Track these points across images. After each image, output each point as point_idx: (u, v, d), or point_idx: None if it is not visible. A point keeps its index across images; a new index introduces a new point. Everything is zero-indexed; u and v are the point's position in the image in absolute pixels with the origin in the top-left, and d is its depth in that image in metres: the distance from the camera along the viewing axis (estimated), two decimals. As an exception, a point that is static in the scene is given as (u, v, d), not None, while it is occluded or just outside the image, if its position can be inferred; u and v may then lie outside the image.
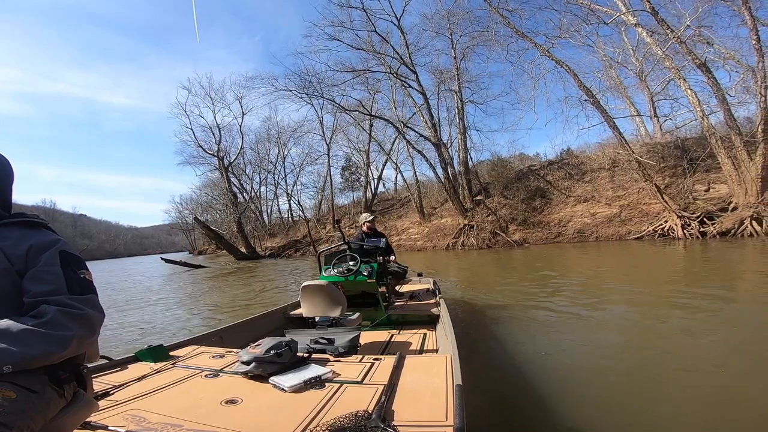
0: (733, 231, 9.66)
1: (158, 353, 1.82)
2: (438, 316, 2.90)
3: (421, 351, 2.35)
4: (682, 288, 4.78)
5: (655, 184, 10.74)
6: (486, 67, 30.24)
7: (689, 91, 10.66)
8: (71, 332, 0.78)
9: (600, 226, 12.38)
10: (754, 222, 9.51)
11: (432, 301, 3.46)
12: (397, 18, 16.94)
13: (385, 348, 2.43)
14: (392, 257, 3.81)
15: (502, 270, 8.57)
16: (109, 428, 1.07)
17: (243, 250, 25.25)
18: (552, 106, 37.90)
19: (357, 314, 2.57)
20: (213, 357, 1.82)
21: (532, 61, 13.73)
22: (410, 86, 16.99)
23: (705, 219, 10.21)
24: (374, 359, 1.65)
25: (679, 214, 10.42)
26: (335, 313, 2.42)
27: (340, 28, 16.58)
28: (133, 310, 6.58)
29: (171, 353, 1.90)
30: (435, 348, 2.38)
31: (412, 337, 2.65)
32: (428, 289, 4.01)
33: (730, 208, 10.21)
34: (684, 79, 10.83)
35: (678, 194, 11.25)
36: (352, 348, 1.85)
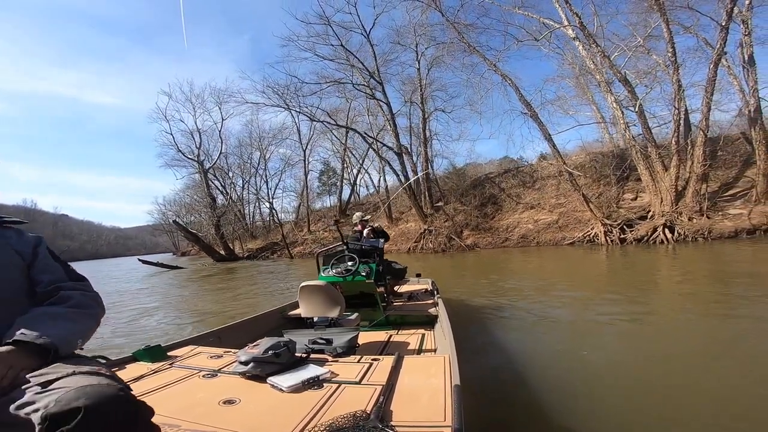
0: (646, 238, 10.88)
1: (156, 353, 1.85)
2: (436, 317, 2.94)
3: (419, 351, 2.40)
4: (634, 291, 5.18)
5: (582, 193, 11.94)
6: (452, 77, 31.46)
7: (614, 104, 11.87)
8: (96, 309, 0.96)
9: (541, 232, 13.58)
10: (666, 229, 10.71)
11: (430, 301, 3.52)
12: (366, 32, 18.11)
13: (383, 348, 2.46)
14: (381, 240, 3.86)
15: (456, 271, 9.55)
16: None
17: (221, 252, 26.36)
18: (498, 117, 38.75)
19: (355, 315, 2.61)
20: (211, 357, 1.85)
21: (482, 74, 14.92)
22: (376, 98, 18.18)
23: (625, 226, 11.42)
24: (372, 359, 1.68)
25: (603, 222, 11.62)
26: (334, 313, 2.46)
27: (316, 39, 17.76)
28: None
29: (169, 353, 1.93)
30: (433, 348, 2.41)
31: (411, 337, 2.68)
32: (426, 289, 4.09)
33: (648, 216, 11.45)
34: (611, 92, 12.02)
35: (605, 203, 12.49)
36: (351, 348, 1.89)
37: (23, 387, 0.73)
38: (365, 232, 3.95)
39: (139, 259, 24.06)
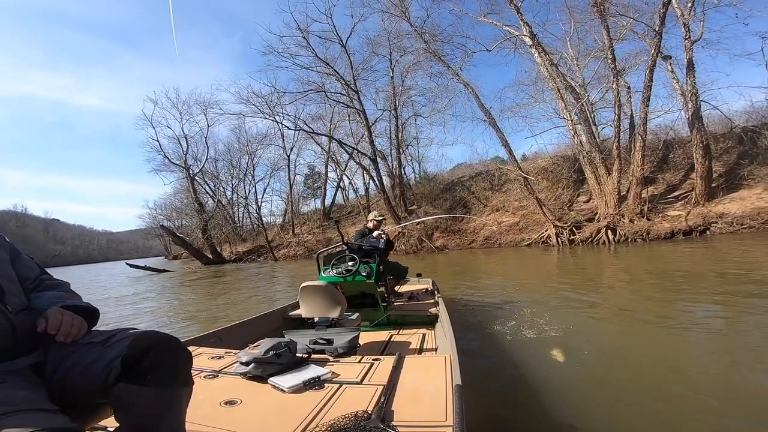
0: (590, 239, 11.98)
1: None
2: (437, 316, 3.01)
3: (420, 351, 2.45)
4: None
5: (536, 197, 13.05)
6: (426, 84, 32.45)
7: (565, 111, 12.93)
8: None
9: (503, 234, 14.70)
10: (609, 231, 11.81)
11: (431, 301, 3.61)
12: (342, 42, 19.18)
13: (384, 348, 2.52)
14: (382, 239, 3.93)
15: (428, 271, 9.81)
16: (108, 429, 1.09)
17: (209, 255, 27.68)
18: (461, 123, 38.64)
19: (356, 315, 2.67)
20: (212, 358, 1.90)
21: (446, 83, 16.05)
22: (354, 107, 19.30)
23: (574, 228, 12.53)
24: (373, 359, 1.74)
25: (555, 224, 12.73)
26: (334, 313, 2.51)
27: (296, 49, 18.90)
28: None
29: None
30: (434, 348, 2.48)
31: (412, 337, 2.75)
32: (427, 289, 4.24)
33: (595, 219, 12.55)
34: (563, 99, 13.06)
35: (558, 206, 13.59)
36: (352, 348, 1.94)
37: (79, 352, 0.87)
38: (376, 233, 4.09)
39: (127, 263, 25.25)
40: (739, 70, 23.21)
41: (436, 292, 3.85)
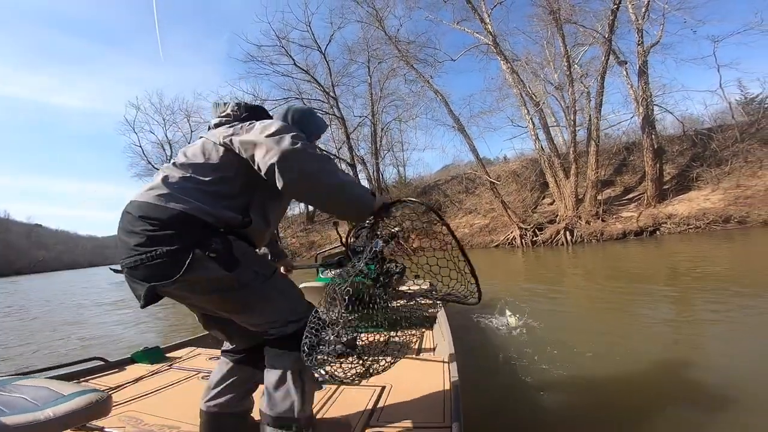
0: (550, 240, 12.88)
1: (155, 355, 1.92)
2: (435, 317, 3.06)
3: (418, 352, 2.48)
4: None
5: (501, 200, 13.92)
6: (404, 90, 33.20)
7: (527, 116, 13.82)
8: None
9: (474, 236, 15.56)
10: (567, 232, 12.70)
11: (430, 301, 4.57)
12: (321, 49, 19.91)
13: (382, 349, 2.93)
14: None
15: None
16: (105, 430, 1.11)
17: (194, 258, 28.15)
18: (432, 129, 39.00)
19: (354, 315, 3.40)
20: (210, 358, 1.90)
21: (419, 91, 16.90)
22: (334, 114, 20.04)
23: (536, 230, 13.42)
24: (372, 360, 1.71)
25: (519, 226, 13.62)
26: (332, 314, 3.25)
27: (278, 55, 19.55)
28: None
29: (167, 355, 1.99)
30: (432, 348, 2.50)
31: (410, 337, 3.57)
32: (425, 289, 4.80)
33: (556, 221, 13.45)
34: (525, 105, 13.94)
35: (523, 208, 14.50)
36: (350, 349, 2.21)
37: None
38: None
39: (111, 268, 25.31)
40: (690, 74, 24.42)
41: (434, 292, 4.07)
